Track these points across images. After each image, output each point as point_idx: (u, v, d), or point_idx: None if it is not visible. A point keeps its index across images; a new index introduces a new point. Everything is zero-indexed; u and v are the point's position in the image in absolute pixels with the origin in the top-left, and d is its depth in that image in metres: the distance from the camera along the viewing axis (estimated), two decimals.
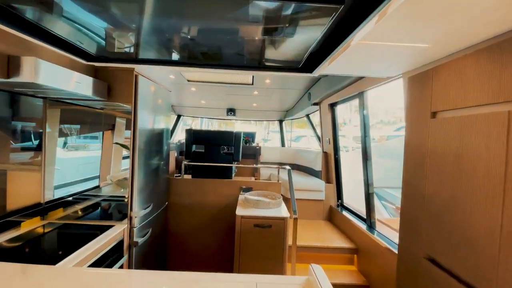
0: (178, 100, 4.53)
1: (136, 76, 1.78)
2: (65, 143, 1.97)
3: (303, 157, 4.18)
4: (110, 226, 1.72)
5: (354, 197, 3.92)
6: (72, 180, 2.03)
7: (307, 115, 4.46)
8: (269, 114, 5.09)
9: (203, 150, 2.74)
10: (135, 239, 1.83)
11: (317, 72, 1.44)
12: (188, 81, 3.36)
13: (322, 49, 1.28)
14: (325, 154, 3.45)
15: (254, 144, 4.32)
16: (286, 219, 1.98)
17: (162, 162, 2.44)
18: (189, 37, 1.16)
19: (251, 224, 1.97)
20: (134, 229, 1.84)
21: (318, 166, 3.49)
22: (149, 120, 2.09)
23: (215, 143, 2.70)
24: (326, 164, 3.43)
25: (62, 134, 1.91)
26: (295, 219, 2.04)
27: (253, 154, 3.97)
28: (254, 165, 2.89)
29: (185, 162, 2.70)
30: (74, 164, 2.09)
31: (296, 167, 4.42)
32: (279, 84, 3.26)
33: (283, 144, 5.18)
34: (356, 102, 2.98)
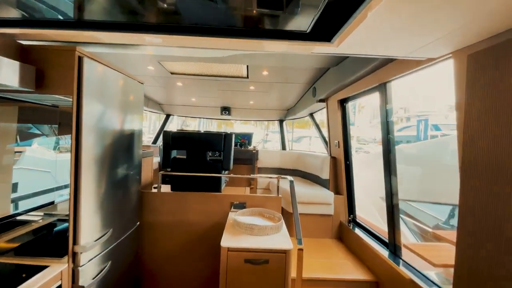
0: (165, 97, 4.04)
1: (80, 58, 1.29)
2: (56, 145, 1.90)
3: (307, 163, 3.68)
4: (44, 267, 1.23)
5: (364, 208, 3.40)
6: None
7: (311, 114, 3.96)
8: (268, 114, 4.59)
9: (185, 157, 2.25)
10: (80, 283, 1.33)
11: (336, 42, 0.95)
12: (172, 73, 2.87)
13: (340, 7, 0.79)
14: (334, 160, 2.95)
15: (250, 148, 3.81)
16: (288, 252, 1.48)
17: (132, 172, 1.95)
18: None
19: (241, 258, 1.47)
20: (80, 268, 1.34)
21: (325, 173, 2.98)
22: (112, 118, 1.60)
23: (199, 148, 2.21)
24: (335, 171, 2.92)
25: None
26: (300, 250, 1.54)
27: (249, 159, 3.47)
28: (250, 175, 2.38)
29: (162, 172, 2.20)
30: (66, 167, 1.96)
31: (300, 173, 3.91)
32: (278, 76, 2.77)
33: (283, 147, 4.68)
34: (359, 101, 2.56)
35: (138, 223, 2.08)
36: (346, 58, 2.14)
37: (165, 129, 4.95)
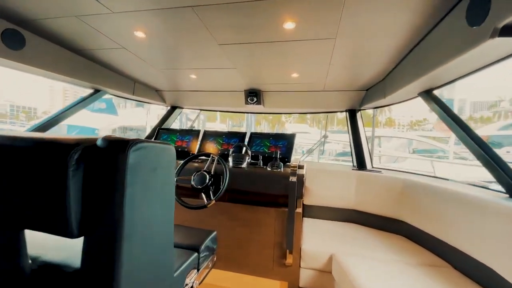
0: (153, 77, 2.48)
1: None
2: None
3: (440, 214, 1.51)
4: None
5: None
6: None
7: (428, 91, 1.77)
8: (329, 99, 2.56)
9: None
10: None
11: None
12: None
13: None
14: None
15: (291, 166, 1.71)
16: None
17: None
18: None
19: None
20: None
21: None
22: None
23: None
24: None
25: None
26: None
27: (283, 195, 1.59)
28: None
29: None
30: None
31: (407, 231, 1.80)
32: None
33: (360, 163, 2.40)
34: None
35: None
36: None
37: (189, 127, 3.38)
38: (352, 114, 2.57)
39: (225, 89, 2.75)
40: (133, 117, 17.16)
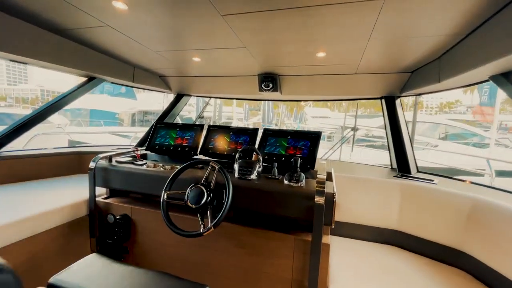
0: (157, 63, 2.15)
1: None
2: None
3: None
4: None
5: None
6: None
7: (505, 74, 1.28)
8: (361, 84, 2.10)
9: None
10: None
11: None
12: None
13: None
14: None
15: (309, 177, 1.31)
16: None
17: None
18: None
19: None
20: None
21: None
22: None
23: None
24: None
25: None
26: None
27: (306, 218, 1.23)
28: None
29: None
30: None
31: (483, 275, 1.34)
32: None
33: (403, 166, 1.95)
34: None
35: None
36: None
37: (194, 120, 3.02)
38: (390, 101, 2.09)
39: (236, 74, 2.36)
40: (151, 101, 17.22)
